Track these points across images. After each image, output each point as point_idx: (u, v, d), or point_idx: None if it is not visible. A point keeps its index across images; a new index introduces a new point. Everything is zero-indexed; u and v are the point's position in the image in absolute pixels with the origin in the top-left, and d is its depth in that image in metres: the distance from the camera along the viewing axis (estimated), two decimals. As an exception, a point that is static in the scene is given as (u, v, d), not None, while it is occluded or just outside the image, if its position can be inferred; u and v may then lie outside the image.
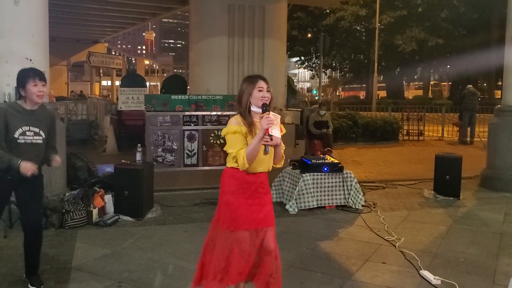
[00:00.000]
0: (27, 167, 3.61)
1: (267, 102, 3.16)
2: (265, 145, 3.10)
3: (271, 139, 3.06)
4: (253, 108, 3.20)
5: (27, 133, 3.71)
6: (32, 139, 3.73)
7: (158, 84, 44.91)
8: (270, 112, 3.08)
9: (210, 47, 10.11)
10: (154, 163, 7.80)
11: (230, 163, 3.23)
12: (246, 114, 3.21)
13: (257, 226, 3.24)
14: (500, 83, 31.36)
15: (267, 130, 3.01)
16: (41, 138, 3.77)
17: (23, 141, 3.69)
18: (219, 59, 10.07)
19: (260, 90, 3.19)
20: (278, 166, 3.33)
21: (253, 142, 3.08)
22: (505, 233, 5.55)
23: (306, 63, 41.78)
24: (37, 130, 3.75)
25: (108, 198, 6.01)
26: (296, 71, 78.86)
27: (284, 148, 3.30)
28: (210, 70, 10.14)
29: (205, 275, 3.33)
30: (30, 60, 5.60)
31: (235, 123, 3.18)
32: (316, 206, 6.44)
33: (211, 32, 10.10)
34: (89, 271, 4.29)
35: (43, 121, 3.82)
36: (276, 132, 3.05)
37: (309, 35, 36.27)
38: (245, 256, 3.21)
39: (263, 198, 3.28)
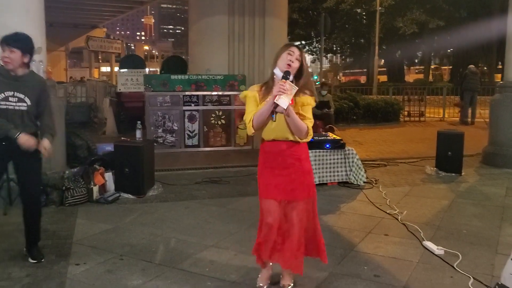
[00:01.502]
0: (27, 141, 3.58)
1: (290, 70, 3.09)
2: (273, 111, 3.03)
3: (275, 107, 2.98)
4: (276, 71, 3.16)
5: (10, 98, 3.62)
6: (15, 105, 3.64)
7: (158, 70, 44.69)
8: (287, 81, 2.99)
9: (210, 26, 9.98)
10: (155, 144, 7.76)
11: None
12: (270, 81, 3.21)
13: (284, 198, 3.19)
14: (501, 67, 31.28)
15: (274, 96, 2.95)
16: (25, 104, 3.67)
17: (4, 106, 3.60)
18: (219, 39, 9.94)
19: (289, 54, 3.14)
20: (303, 140, 3.20)
21: (263, 107, 3.07)
22: (507, 206, 5.54)
23: (307, 47, 41.54)
24: (22, 96, 3.65)
25: (109, 175, 5.98)
26: (296, 56, 78.29)
27: (311, 121, 3.19)
28: (210, 49, 10.02)
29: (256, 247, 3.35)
30: (27, 36, 5.54)
31: (249, 89, 3.26)
32: (318, 182, 6.40)
33: (211, 11, 9.97)
34: (90, 245, 4.28)
35: (30, 88, 3.72)
36: (283, 101, 2.92)
37: (310, 18, 35.97)
38: (274, 230, 3.17)
39: (291, 168, 3.19)
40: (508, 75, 7.94)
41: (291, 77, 3.06)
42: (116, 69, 30.89)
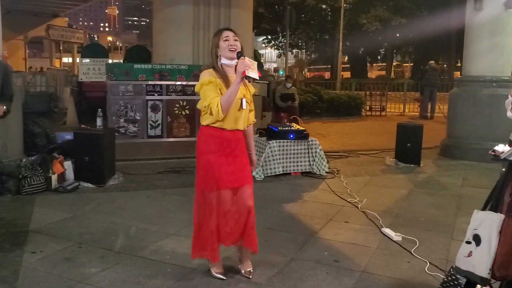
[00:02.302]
0: None
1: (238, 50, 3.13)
2: (241, 99, 3.10)
3: (249, 81, 3.05)
4: (224, 61, 3.16)
5: None
6: None
7: (121, 61, 43.83)
8: (246, 57, 3.04)
9: (174, 15, 9.85)
10: (116, 134, 7.61)
11: (205, 120, 3.16)
12: (218, 68, 3.17)
13: (238, 184, 3.22)
14: (459, 64, 32.21)
15: (243, 72, 2.96)
16: None
17: None
18: (184, 28, 9.83)
19: (226, 40, 3.14)
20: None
21: (230, 89, 3.03)
22: (463, 196, 5.72)
23: (273, 42, 41.66)
24: None
25: (68, 164, 5.84)
26: (262, 51, 78.49)
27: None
28: (175, 39, 9.89)
29: (202, 245, 3.29)
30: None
31: (207, 75, 3.13)
32: (282, 172, 6.47)
33: (176, 0, 9.86)
34: (48, 234, 4.17)
35: None
36: (253, 74, 3.00)
37: (276, 12, 36.04)
38: (230, 215, 3.20)
39: (241, 156, 3.26)
40: (466, 70, 8.18)
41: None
42: (78, 60, 30.10)
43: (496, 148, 2.76)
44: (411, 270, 3.57)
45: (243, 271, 3.40)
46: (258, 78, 3.07)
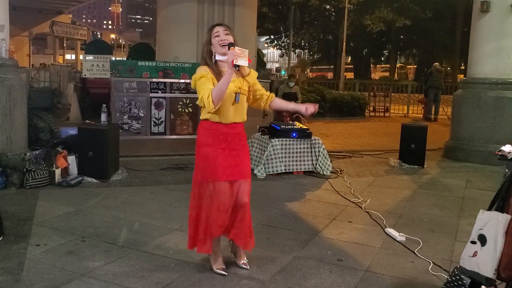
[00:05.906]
0: None
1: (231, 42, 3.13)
2: (236, 93, 3.14)
3: (238, 70, 3.05)
4: (217, 57, 3.19)
5: None
6: None
7: (124, 59, 43.74)
8: (236, 47, 3.03)
9: (179, 13, 9.87)
10: (120, 130, 7.62)
11: (204, 115, 3.21)
12: (212, 65, 3.20)
13: (234, 178, 3.23)
14: (463, 67, 32.23)
15: (232, 62, 2.96)
16: None
17: None
18: (188, 26, 9.85)
19: (216, 36, 3.17)
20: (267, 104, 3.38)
21: (222, 79, 3.05)
22: (466, 197, 5.70)
23: (276, 42, 41.63)
24: None
25: (72, 159, 5.85)
26: (265, 51, 78.48)
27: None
28: (179, 37, 9.91)
29: (197, 236, 3.35)
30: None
31: (201, 70, 3.18)
32: (284, 171, 6.46)
33: (181, -2, 9.89)
34: (52, 227, 4.18)
35: None
36: (243, 61, 2.99)
37: (280, 12, 36.04)
38: (224, 208, 3.21)
39: (240, 150, 3.28)
40: (471, 72, 8.14)
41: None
42: (81, 57, 30.10)
43: (503, 148, 2.76)
44: (414, 270, 3.56)
45: (239, 263, 3.45)
46: (247, 64, 3.04)
